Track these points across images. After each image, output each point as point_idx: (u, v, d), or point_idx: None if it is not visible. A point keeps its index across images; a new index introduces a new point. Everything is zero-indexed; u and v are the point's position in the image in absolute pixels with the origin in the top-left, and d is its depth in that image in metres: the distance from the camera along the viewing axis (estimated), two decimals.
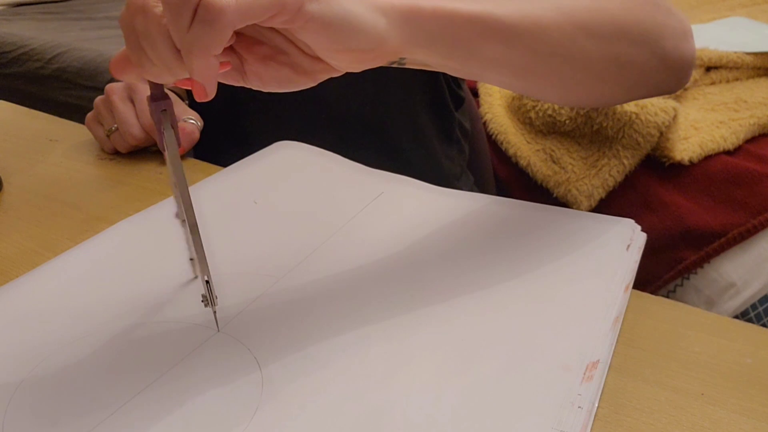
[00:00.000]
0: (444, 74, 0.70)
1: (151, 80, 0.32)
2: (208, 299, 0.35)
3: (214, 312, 0.36)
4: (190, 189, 0.37)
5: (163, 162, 0.60)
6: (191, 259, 0.37)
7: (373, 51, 0.34)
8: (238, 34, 0.33)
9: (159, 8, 0.29)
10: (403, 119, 0.68)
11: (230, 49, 0.34)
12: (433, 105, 0.71)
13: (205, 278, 0.35)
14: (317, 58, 0.34)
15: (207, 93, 0.30)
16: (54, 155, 0.63)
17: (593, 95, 0.51)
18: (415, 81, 0.68)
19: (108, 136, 0.60)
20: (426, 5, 0.36)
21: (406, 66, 0.38)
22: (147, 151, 0.62)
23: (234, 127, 0.70)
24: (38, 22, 1.91)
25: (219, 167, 0.58)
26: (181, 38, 0.29)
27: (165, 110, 0.33)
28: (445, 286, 0.39)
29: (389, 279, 0.40)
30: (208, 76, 0.29)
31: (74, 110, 1.57)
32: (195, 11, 0.28)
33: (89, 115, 0.63)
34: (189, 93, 0.75)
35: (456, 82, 0.73)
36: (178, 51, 0.30)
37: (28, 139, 0.67)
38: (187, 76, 0.31)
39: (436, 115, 0.71)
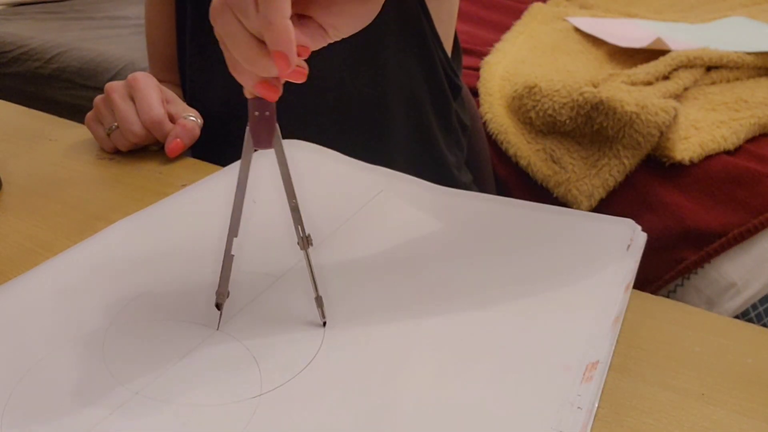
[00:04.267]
0: (440, 59, 0.70)
1: (240, 80, 0.33)
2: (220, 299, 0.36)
3: (221, 310, 0.36)
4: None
5: (163, 161, 0.60)
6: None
7: None
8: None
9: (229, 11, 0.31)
10: (401, 103, 0.69)
11: (297, 22, 0.34)
12: (431, 89, 0.71)
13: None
14: None
15: (290, 61, 0.30)
16: (53, 155, 0.63)
17: None
18: (412, 64, 0.68)
19: (108, 134, 0.60)
20: None
21: None
22: (146, 151, 0.62)
23: (232, 124, 0.70)
24: (38, 21, 1.91)
25: (218, 167, 0.58)
26: (253, 20, 0.30)
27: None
28: (444, 285, 0.39)
29: (388, 278, 0.40)
30: (287, 41, 0.30)
31: (74, 110, 1.57)
32: None
33: (89, 114, 0.63)
34: (185, 92, 0.75)
35: (452, 69, 0.73)
36: (256, 40, 0.30)
37: (27, 139, 0.67)
38: (270, 73, 0.31)
39: (434, 101, 0.72)
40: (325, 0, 0.34)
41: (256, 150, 0.35)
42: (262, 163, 0.57)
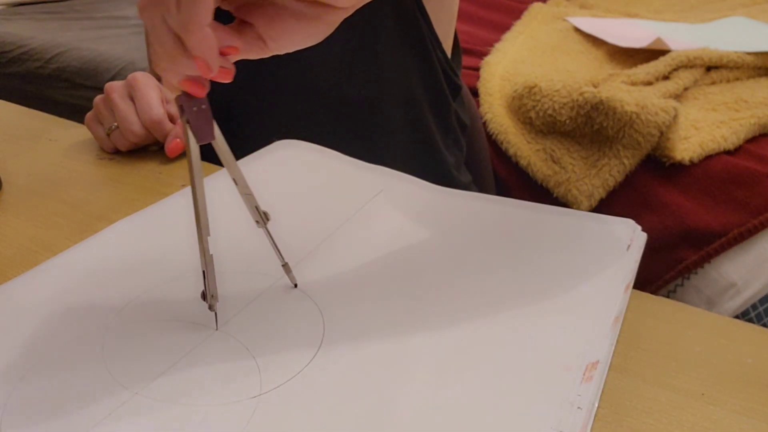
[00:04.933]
0: (439, 59, 0.70)
1: (164, 76, 0.33)
2: (207, 295, 0.35)
3: (214, 311, 0.36)
4: (186, 189, 0.37)
5: (163, 161, 0.60)
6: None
7: None
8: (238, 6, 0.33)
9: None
10: (399, 104, 0.69)
11: (236, 28, 0.33)
12: (429, 90, 0.71)
13: (203, 269, 0.35)
14: (313, 2, 0.32)
15: (211, 67, 0.30)
16: (53, 155, 0.63)
17: None
18: (410, 65, 0.68)
19: (108, 134, 0.60)
20: None
21: None
22: (146, 151, 0.62)
23: (230, 124, 0.70)
24: (38, 21, 1.91)
25: (218, 167, 0.58)
26: (174, 21, 0.29)
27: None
28: (445, 285, 0.39)
29: (388, 278, 0.40)
30: (207, 48, 0.29)
31: (74, 110, 1.57)
32: None
33: (89, 114, 0.63)
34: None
35: (452, 69, 0.73)
36: (178, 39, 0.30)
37: (27, 139, 0.67)
38: (193, 72, 0.31)
39: (432, 101, 0.71)
40: (270, 12, 0.32)
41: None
42: (261, 164, 0.57)
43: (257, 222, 0.38)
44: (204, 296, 0.36)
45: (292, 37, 0.33)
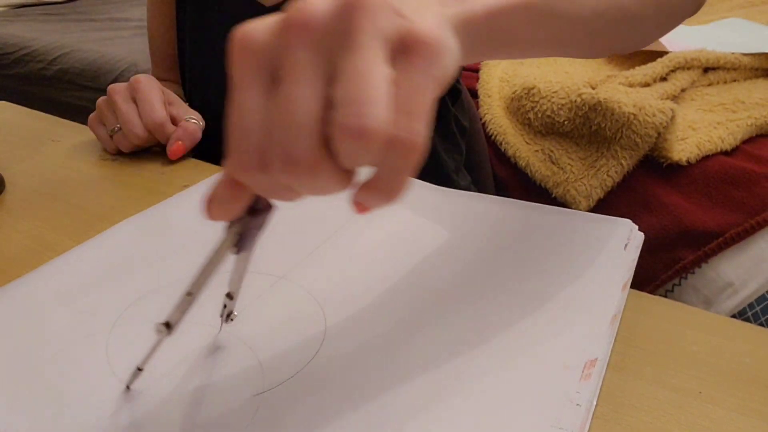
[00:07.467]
0: None
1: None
2: (224, 315, 0.36)
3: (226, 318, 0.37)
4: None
5: (165, 162, 0.61)
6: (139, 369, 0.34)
7: None
8: None
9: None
10: None
11: None
12: None
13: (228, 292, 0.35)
14: None
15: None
16: (56, 156, 0.63)
17: (632, 40, 0.50)
18: None
19: (111, 136, 0.61)
20: (477, 6, 0.33)
21: None
22: (149, 151, 0.63)
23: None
24: (40, 23, 1.91)
25: (220, 167, 0.58)
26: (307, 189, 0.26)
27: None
28: (445, 285, 0.40)
29: (388, 278, 0.41)
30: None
31: (76, 111, 1.57)
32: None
33: (92, 115, 0.63)
34: (186, 93, 0.75)
35: None
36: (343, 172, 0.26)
37: (30, 140, 0.67)
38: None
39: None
40: None
41: None
42: None
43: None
44: (226, 315, 0.36)
45: None
